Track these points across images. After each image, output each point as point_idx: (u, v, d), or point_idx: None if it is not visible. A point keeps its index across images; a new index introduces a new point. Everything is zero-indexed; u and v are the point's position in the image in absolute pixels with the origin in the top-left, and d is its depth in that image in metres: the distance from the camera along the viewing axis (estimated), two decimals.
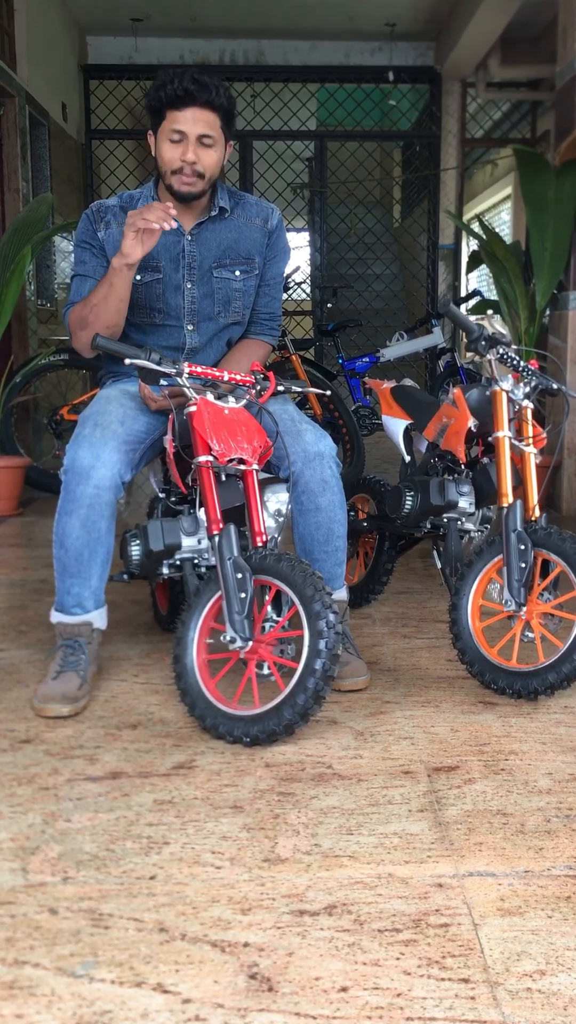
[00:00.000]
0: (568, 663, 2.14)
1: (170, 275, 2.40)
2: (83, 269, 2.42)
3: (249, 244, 2.45)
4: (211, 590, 2.10)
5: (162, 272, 2.40)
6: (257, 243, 2.46)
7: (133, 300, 2.38)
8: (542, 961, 1.31)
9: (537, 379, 2.42)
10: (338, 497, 2.34)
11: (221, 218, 2.43)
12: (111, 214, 2.41)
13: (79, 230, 2.44)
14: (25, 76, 5.94)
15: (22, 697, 2.28)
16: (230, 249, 2.43)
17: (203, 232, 2.42)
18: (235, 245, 2.44)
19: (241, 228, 2.45)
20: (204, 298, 2.43)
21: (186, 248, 2.40)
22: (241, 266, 2.45)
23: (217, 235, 2.43)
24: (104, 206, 2.42)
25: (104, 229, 2.40)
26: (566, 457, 4.67)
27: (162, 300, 2.41)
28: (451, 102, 8.25)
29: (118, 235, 2.36)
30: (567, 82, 4.62)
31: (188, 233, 2.40)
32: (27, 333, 5.83)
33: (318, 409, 5.07)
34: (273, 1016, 1.20)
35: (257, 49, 8.11)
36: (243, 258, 2.45)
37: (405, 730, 2.09)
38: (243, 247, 2.45)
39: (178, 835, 1.64)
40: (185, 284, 2.41)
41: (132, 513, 4.13)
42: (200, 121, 2.24)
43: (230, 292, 2.45)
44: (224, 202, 2.42)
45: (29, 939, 1.35)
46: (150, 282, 2.40)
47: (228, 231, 2.43)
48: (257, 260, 2.47)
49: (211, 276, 2.42)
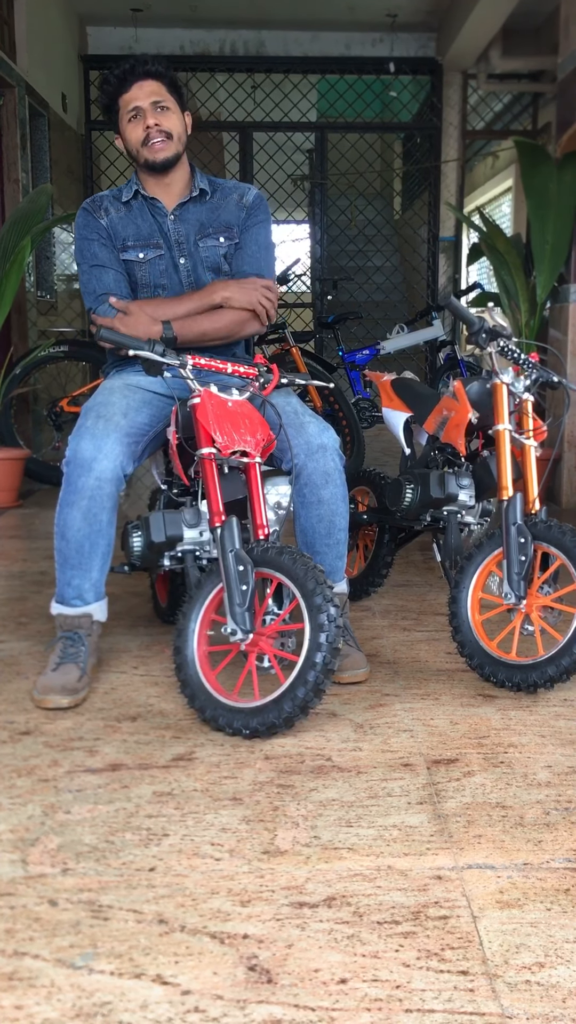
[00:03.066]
0: (567, 656, 2.14)
1: (167, 252, 2.46)
2: (98, 260, 2.44)
3: (227, 215, 2.51)
4: (212, 582, 2.10)
5: (163, 249, 2.45)
6: (234, 215, 2.51)
7: (138, 279, 2.45)
8: (541, 954, 1.31)
9: (537, 372, 2.41)
10: (341, 490, 2.34)
11: (201, 200, 2.49)
12: (107, 202, 2.48)
13: (80, 224, 2.46)
14: (25, 66, 5.92)
15: (22, 689, 2.28)
16: (210, 222, 2.49)
17: (184, 212, 2.48)
18: (214, 219, 2.50)
19: (219, 206, 2.51)
20: (196, 268, 2.48)
21: (171, 227, 2.47)
22: (223, 233, 2.50)
23: (197, 213, 2.49)
24: (99, 197, 2.51)
25: (105, 216, 2.46)
26: (566, 450, 4.67)
27: (166, 276, 2.47)
28: (452, 93, 8.22)
29: (117, 219, 2.45)
30: (569, 74, 4.60)
31: (171, 213, 2.46)
32: (27, 324, 5.81)
33: (318, 401, 5.06)
34: (272, 1008, 1.20)
35: (257, 40, 8.07)
36: (224, 227, 2.50)
37: (404, 723, 2.09)
38: (222, 218, 2.50)
39: (177, 827, 1.64)
40: (179, 259, 2.47)
41: (132, 505, 4.13)
42: (148, 91, 2.37)
43: (217, 258, 2.50)
44: (204, 185, 2.50)
45: (29, 930, 1.36)
46: (153, 259, 2.45)
47: (208, 210, 2.50)
48: (235, 229, 2.51)
49: (197, 248, 2.48)
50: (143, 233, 2.45)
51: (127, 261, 2.45)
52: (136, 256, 2.44)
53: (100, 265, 2.43)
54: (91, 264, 2.43)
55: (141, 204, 2.47)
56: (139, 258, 2.44)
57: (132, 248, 2.44)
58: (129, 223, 2.45)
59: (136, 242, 2.44)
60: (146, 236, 2.45)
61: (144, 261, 2.44)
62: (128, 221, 2.45)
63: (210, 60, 8.04)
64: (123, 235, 2.44)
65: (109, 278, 2.41)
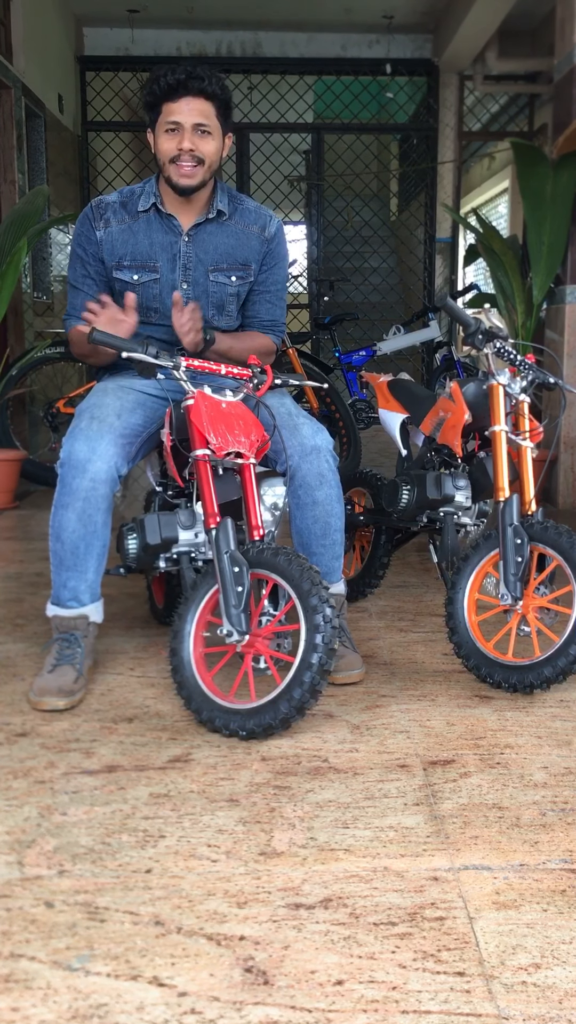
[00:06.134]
0: (564, 657, 2.14)
1: (166, 275, 2.40)
2: (77, 280, 2.44)
3: (247, 251, 2.44)
4: (208, 584, 2.10)
5: (159, 273, 2.39)
6: (255, 251, 2.45)
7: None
8: (537, 954, 1.31)
9: (534, 373, 2.42)
10: (335, 491, 2.34)
11: (219, 221, 2.42)
12: (111, 211, 2.40)
13: (77, 229, 2.43)
14: (21, 67, 5.92)
15: (18, 690, 2.28)
16: (227, 254, 2.43)
17: (200, 234, 2.41)
18: (232, 251, 2.43)
19: (239, 234, 2.44)
20: (198, 300, 2.41)
21: (183, 249, 2.40)
22: (237, 272, 2.44)
23: (214, 238, 2.42)
24: (104, 202, 2.41)
25: (104, 227, 2.39)
26: (563, 451, 4.67)
27: (158, 300, 2.41)
28: (448, 95, 8.23)
29: (117, 233, 2.37)
30: (565, 75, 4.61)
31: (185, 233, 2.40)
32: (23, 326, 5.81)
33: (314, 403, 5.06)
34: (269, 1009, 1.20)
35: (254, 41, 8.08)
36: (240, 264, 2.44)
37: (401, 724, 2.09)
38: (240, 254, 2.44)
39: (174, 828, 1.64)
40: (181, 285, 2.41)
41: (128, 507, 4.12)
42: (195, 110, 2.24)
43: (224, 297, 2.45)
44: (223, 205, 2.41)
45: (25, 932, 1.35)
46: (147, 282, 2.39)
47: (226, 236, 2.42)
48: (253, 267, 2.46)
49: (207, 279, 2.42)
50: (141, 253, 2.38)
51: (120, 280, 2.39)
52: (130, 278, 2.38)
53: (77, 288, 2.44)
54: (71, 282, 2.45)
55: (153, 219, 2.39)
56: (133, 280, 2.38)
57: (127, 268, 2.38)
58: (129, 239, 2.38)
59: (132, 262, 2.38)
60: (144, 257, 2.37)
61: (137, 284, 2.38)
62: (128, 236, 2.38)
63: (207, 61, 8.04)
64: (120, 252, 2.38)
65: (78, 301, 2.41)
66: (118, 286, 2.40)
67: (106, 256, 2.39)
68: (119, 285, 2.40)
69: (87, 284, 2.43)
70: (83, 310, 2.41)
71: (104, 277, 2.42)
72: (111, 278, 2.41)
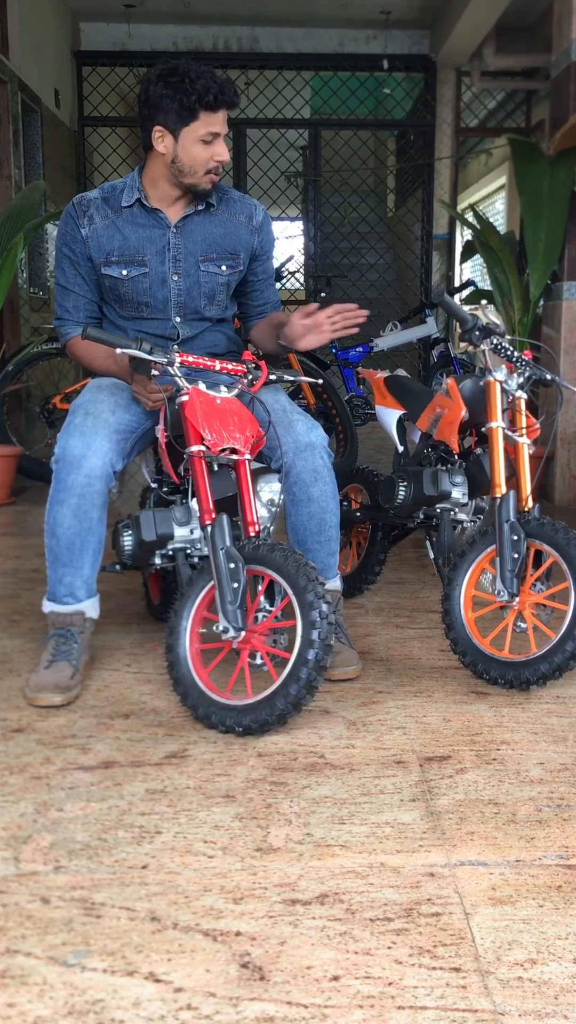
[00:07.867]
0: (560, 653, 2.15)
1: (155, 268, 2.38)
2: (67, 282, 2.43)
3: (235, 240, 2.44)
4: (204, 580, 2.10)
5: (148, 267, 2.38)
6: (243, 240, 2.45)
7: (119, 294, 2.40)
8: (533, 950, 1.31)
9: (531, 369, 2.41)
10: (330, 487, 2.33)
11: (207, 212, 2.42)
12: (94, 207, 2.37)
13: (61, 229, 2.41)
14: (18, 62, 5.90)
15: (14, 686, 2.28)
16: (216, 244, 2.42)
17: (188, 225, 2.40)
18: (221, 240, 2.43)
19: (226, 224, 2.44)
20: (190, 291, 2.41)
21: (171, 241, 2.39)
22: (227, 260, 2.44)
23: (203, 228, 2.41)
24: (86, 199, 2.39)
25: (88, 224, 2.36)
26: (559, 448, 4.67)
27: (148, 294, 2.40)
28: (446, 91, 8.22)
29: (102, 229, 2.36)
30: (562, 71, 4.61)
31: (173, 226, 2.39)
32: (19, 321, 5.80)
33: (311, 399, 5.06)
34: (265, 1005, 1.20)
35: (251, 36, 8.06)
36: (229, 253, 2.44)
37: (397, 720, 2.09)
38: (229, 243, 2.44)
39: (170, 824, 1.64)
40: (171, 276, 2.40)
41: (124, 503, 4.12)
42: (225, 121, 2.29)
43: (215, 286, 2.44)
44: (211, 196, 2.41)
45: (21, 928, 1.35)
46: (136, 276, 2.38)
47: (213, 225, 2.42)
48: (242, 256, 2.46)
49: (197, 269, 2.41)
50: (129, 247, 2.36)
51: (109, 276, 2.38)
52: (119, 273, 2.36)
53: (65, 288, 2.43)
54: (61, 284, 2.44)
55: (138, 213, 2.37)
56: (122, 275, 2.37)
57: (116, 264, 2.36)
58: (115, 234, 2.36)
59: (120, 257, 2.36)
60: (132, 252, 2.36)
61: (126, 278, 2.37)
62: (114, 232, 2.36)
63: (203, 56, 8.01)
64: (107, 248, 2.36)
65: (69, 303, 2.42)
66: (107, 282, 2.39)
67: (93, 253, 2.37)
68: (108, 281, 2.39)
69: (78, 284, 2.42)
70: (76, 312, 2.43)
71: (93, 275, 2.41)
72: (100, 275, 2.40)
